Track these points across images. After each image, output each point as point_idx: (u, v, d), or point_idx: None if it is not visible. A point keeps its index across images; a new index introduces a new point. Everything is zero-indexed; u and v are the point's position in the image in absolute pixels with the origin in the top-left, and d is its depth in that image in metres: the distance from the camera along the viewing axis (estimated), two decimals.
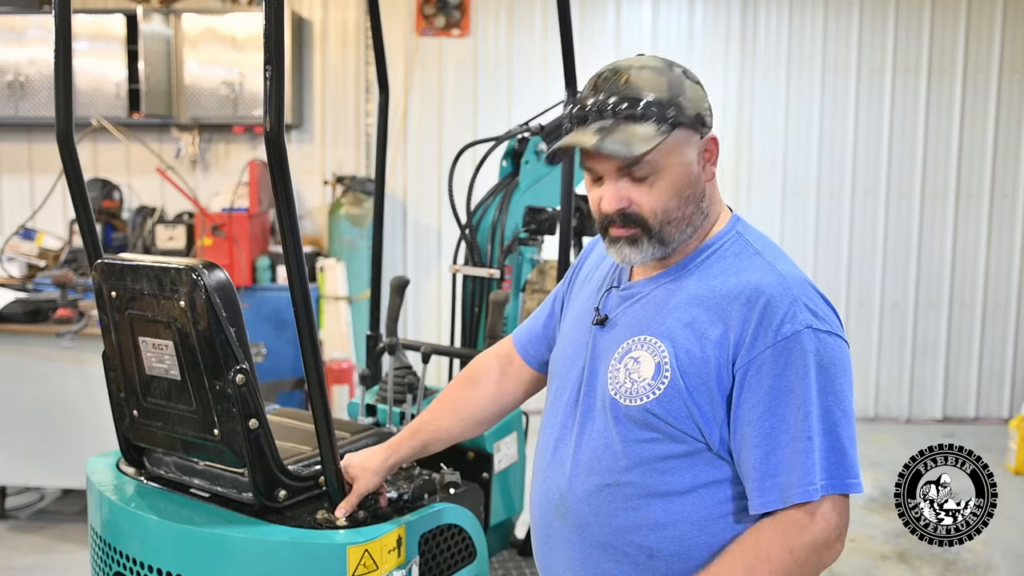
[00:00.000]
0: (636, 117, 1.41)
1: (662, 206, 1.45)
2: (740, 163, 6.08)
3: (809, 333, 1.38)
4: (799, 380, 1.37)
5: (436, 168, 6.06)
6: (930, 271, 6.13)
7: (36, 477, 4.24)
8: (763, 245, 1.50)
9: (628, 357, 1.48)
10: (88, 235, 1.96)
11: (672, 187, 1.45)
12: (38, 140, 6.05)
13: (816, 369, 1.38)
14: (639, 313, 1.51)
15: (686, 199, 1.46)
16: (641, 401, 1.44)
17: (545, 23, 5.94)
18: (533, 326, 1.84)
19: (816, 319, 1.40)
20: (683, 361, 1.42)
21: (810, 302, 1.41)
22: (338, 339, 5.48)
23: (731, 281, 1.44)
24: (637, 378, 1.45)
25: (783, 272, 1.44)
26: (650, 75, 1.44)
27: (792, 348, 1.37)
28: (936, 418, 6.22)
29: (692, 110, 1.44)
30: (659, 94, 1.42)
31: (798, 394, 1.37)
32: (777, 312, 1.39)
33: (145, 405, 1.83)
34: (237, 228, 5.41)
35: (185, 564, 1.68)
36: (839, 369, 1.41)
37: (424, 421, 1.85)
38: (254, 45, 5.52)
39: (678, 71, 1.47)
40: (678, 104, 1.43)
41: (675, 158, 1.44)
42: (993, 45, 5.96)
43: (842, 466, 1.39)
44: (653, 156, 1.42)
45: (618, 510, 1.46)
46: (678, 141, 1.43)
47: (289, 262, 1.59)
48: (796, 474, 1.37)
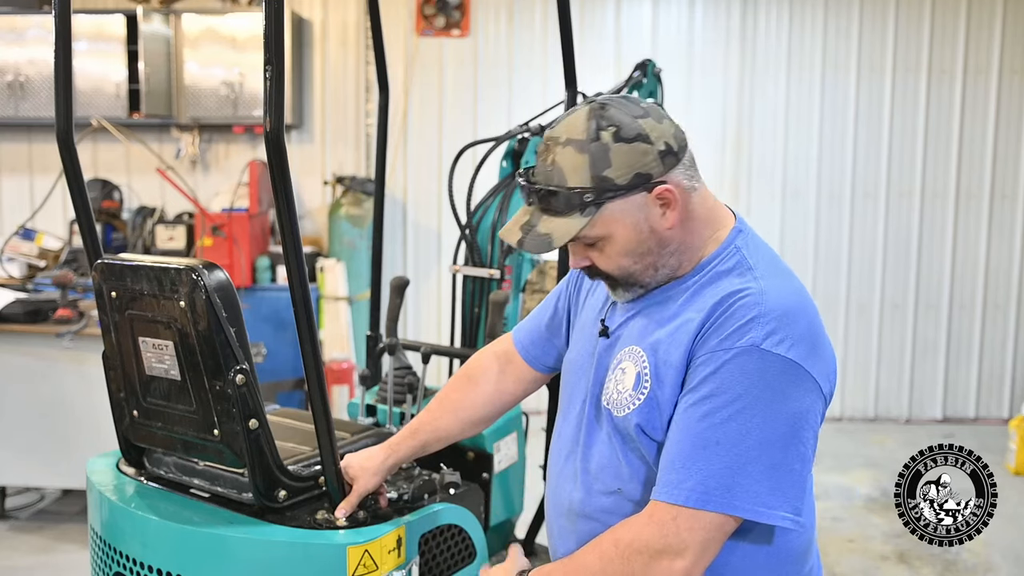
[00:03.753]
0: (557, 210, 1.42)
1: (617, 266, 1.47)
2: (740, 163, 6.08)
3: (753, 351, 1.34)
4: (722, 392, 1.35)
5: (436, 168, 6.06)
6: (930, 271, 6.13)
7: (36, 477, 4.24)
8: (759, 260, 1.47)
9: (618, 368, 1.50)
10: (88, 235, 1.96)
11: (622, 250, 1.45)
12: (38, 140, 6.04)
13: (745, 388, 1.34)
14: (635, 325, 1.52)
15: (642, 255, 1.45)
16: (625, 412, 1.46)
17: (545, 23, 5.94)
18: (534, 326, 1.83)
19: (770, 338, 1.34)
20: (660, 371, 1.43)
21: (777, 322, 1.35)
22: (338, 339, 5.48)
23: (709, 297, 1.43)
24: (623, 389, 1.47)
25: (764, 287, 1.40)
26: (571, 154, 1.40)
27: (730, 361, 1.35)
28: (936, 418, 6.22)
29: (624, 177, 1.39)
30: (579, 179, 1.40)
31: (715, 403, 1.35)
32: (733, 322, 1.37)
33: (145, 405, 1.83)
34: (237, 228, 5.41)
35: (185, 564, 1.68)
36: (774, 394, 1.34)
37: (423, 421, 1.85)
38: (254, 45, 5.52)
39: (605, 137, 1.39)
40: (602, 181, 1.39)
41: (616, 226, 1.43)
42: (993, 45, 5.96)
43: (727, 487, 1.32)
44: (590, 231, 1.42)
45: (622, 515, 1.47)
46: (614, 211, 1.42)
47: (289, 262, 1.59)
48: (673, 474, 1.36)
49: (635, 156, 1.40)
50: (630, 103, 1.44)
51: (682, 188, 1.44)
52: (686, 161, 1.45)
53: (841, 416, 6.20)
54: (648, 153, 1.41)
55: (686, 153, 1.46)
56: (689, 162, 1.46)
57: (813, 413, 1.37)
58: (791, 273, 1.49)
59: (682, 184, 1.44)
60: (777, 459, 1.34)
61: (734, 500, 1.32)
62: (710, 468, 1.33)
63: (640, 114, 1.43)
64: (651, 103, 1.48)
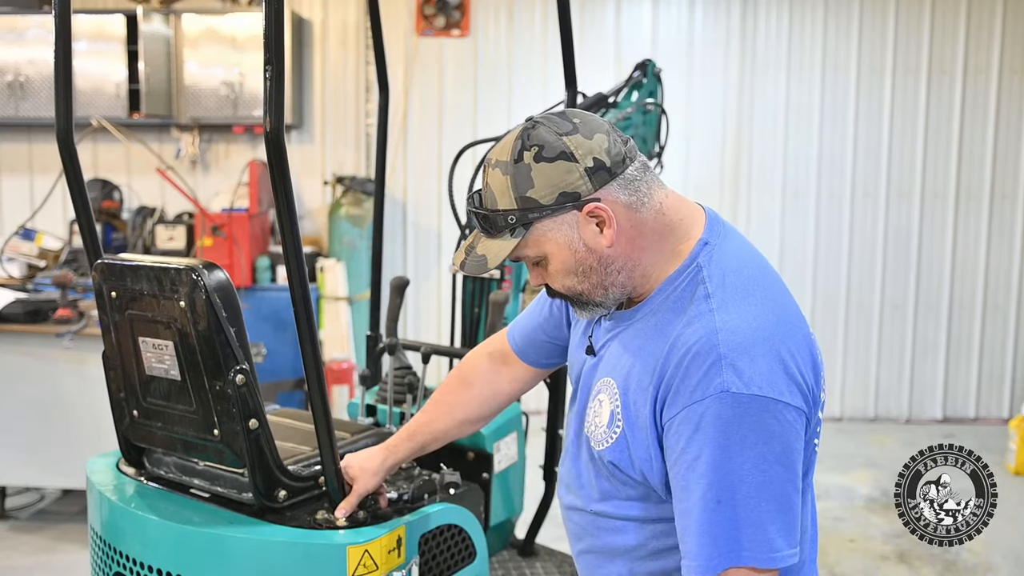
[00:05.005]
0: (489, 232, 1.43)
1: (562, 285, 1.46)
2: (740, 163, 6.08)
3: (724, 397, 1.30)
4: (701, 448, 1.32)
5: (436, 168, 6.06)
6: (930, 272, 6.13)
7: (36, 477, 4.24)
8: (719, 281, 1.39)
9: (596, 398, 1.51)
10: (88, 235, 1.96)
11: (562, 269, 1.44)
12: (38, 140, 6.04)
13: (722, 436, 1.30)
14: (614, 349, 1.51)
15: (585, 274, 1.43)
16: (600, 447, 1.48)
17: (545, 23, 5.94)
18: (529, 325, 1.81)
19: (739, 380, 1.30)
20: (631, 412, 1.43)
21: (740, 359, 1.31)
22: (338, 339, 5.48)
23: (668, 331, 1.39)
24: (599, 423, 1.49)
25: (719, 325, 1.34)
26: (499, 176, 1.40)
27: (701, 414, 1.31)
28: (936, 418, 6.22)
29: (548, 197, 1.37)
30: (504, 201, 1.39)
31: (698, 462, 1.32)
32: (695, 374, 1.33)
33: (145, 405, 1.83)
34: (237, 228, 5.41)
35: (185, 564, 1.68)
36: (758, 435, 1.30)
37: (420, 423, 1.85)
38: (254, 45, 5.52)
39: (527, 157, 1.37)
40: (525, 202, 1.38)
41: (549, 245, 1.41)
42: (993, 45, 5.96)
43: (735, 539, 1.31)
44: (525, 251, 1.43)
45: (604, 529, 1.54)
46: (544, 230, 1.40)
47: (289, 262, 1.59)
48: (690, 546, 1.35)
49: (558, 175, 1.37)
50: (561, 120, 1.40)
51: (619, 204, 1.39)
52: (630, 174, 1.39)
53: (841, 416, 6.20)
54: (572, 171, 1.37)
55: (626, 167, 1.39)
56: (636, 174, 1.40)
57: (797, 436, 1.35)
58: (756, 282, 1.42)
59: (619, 200, 1.39)
60: (777, 498, 1.32)
61: (743, 553, 1.31)
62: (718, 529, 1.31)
63: (568, 131, 1.38)
64: (590, 116, 1.43)
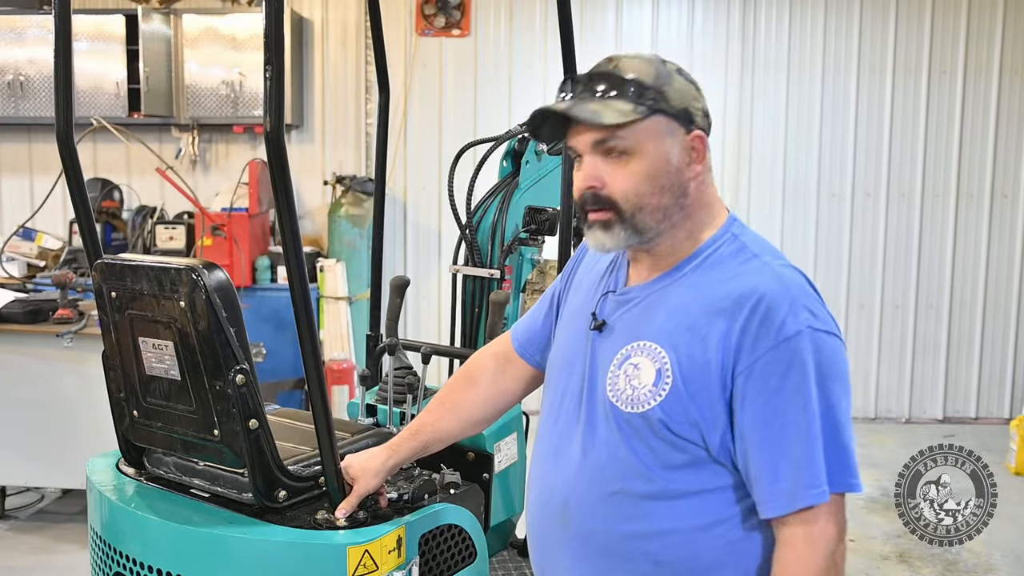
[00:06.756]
0: (614, 94, 1.43)
1: (634, 189, 1.43)
2: (740, 163, 6.08)
3: (810, 333, 1.37)
4: (803, 381, 1.37)
5: (436, 168, 6.06)
6: (931, 271, 6.13)
7: (36, 477, 4.24)
8: (760, 247, 1.49)
9: (628, 363, 1.46)
10: (88, 235, 1.96)
11: (646, 172, 1.43)
12: (38, 140, 6.04)
13: (817, 369, 1.37)
14: (636, 318, 1.50)
15: (661, 188, 1.44)
16: (643, 408, 1.42)
17: (545, 23, 5.94)
18: (531, 325, 1.82)
19: (815, 319, 1.39)
20: (684, 366, 1.41)
21: (808, 302, 1.40)
22: (338, 339, 5.48)
23: (729, 285, 1.43)
24: (638, 384, 1.44)
25: (780, 273, 1.43)
26: (639, 63, 1.46)
27: (794, 349, 1.37)
28: (937, 418, 6.22)
29: (678, 103, 1.44)
30: (643, 78, 1.43)
31: (802, 395, 1.37)
32: (778, 314, 1.38)
33: (145, 405, 1.83)
34: (237, 228, 5.41)
35: (185, 564, 1.68)
36: (839, 369, 1.41)
37: (424, 422, 1.85)
38: (254, 45, 5.52)
39: (671, 67, 1.48)
40: (661, 91, 1.43)
41: (652, 144, 1.43)
42: (994, 45, 5.96)
43: (846, 465, 1.39)
44: (627, 135, 1.42)
45: (625, 518, 1.45)
46: (657, 128, 1.43)
47: (289, 262, 1.59)
48: (804, 478, 1.36)
49: (689, 94, 1.47)
50: None
51: (708, 152, 1.49)
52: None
53: None
54: (699, 100, 1.48)
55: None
56: None
57: None
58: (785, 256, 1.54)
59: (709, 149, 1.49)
60: (851, 428, 1.42)
61: (849, 479, 1.39)
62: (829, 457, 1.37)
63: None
64: None
